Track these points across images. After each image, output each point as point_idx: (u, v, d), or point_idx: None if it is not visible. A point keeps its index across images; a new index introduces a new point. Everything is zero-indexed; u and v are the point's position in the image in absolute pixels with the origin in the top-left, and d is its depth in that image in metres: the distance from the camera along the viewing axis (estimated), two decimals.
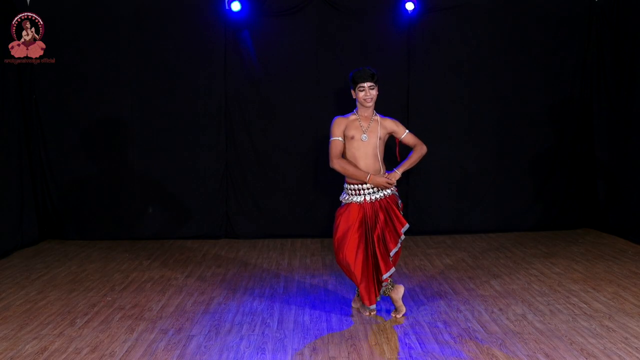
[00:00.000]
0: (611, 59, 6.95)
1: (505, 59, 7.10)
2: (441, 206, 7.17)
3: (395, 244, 4.20)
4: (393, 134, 4.35)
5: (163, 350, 3.75)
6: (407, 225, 4.24)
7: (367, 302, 4.26)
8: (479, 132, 7.14)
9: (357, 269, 4.18)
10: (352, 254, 4.17)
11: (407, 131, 4.36)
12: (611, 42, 6.93)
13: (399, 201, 4.36)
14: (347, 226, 4.20)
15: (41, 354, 3.69)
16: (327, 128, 4.33)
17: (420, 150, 4.36)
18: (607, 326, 4.07)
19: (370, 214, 4.22)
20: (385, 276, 4.20)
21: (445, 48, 7.04)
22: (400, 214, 4.27)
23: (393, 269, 4.23)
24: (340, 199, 4.37)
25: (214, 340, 3.90)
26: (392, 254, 4.20)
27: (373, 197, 4.23)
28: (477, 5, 7.02)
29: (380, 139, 4.26)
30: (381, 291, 4.28)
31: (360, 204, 4.23)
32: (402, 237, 4.23)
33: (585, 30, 7.14)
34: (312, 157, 6.98)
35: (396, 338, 3.93)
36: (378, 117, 4.31)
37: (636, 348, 3.70)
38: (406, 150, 4.45)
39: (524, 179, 7.23)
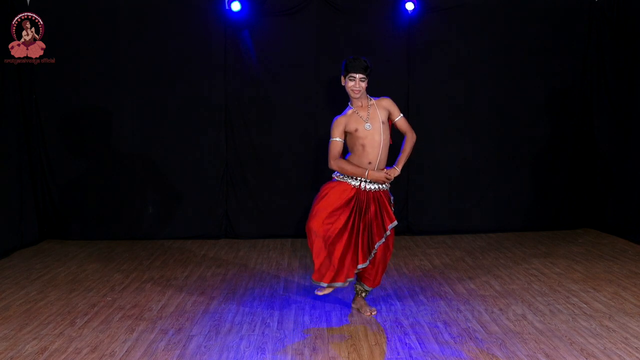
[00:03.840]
0: (611, 59, 6.95)
1: (505, 58, 7.10)
2: (441, 206, 7.17)
3: (380, 238, 4.21)
4: (389, 114, 4.31)
5: (163, 350, 3.75)
6: (395, 222, 4.23)
7: (315, 276, 4.18)
8: (479, 131, 7.14)
9: (325, 243, 4.10)
10: (327, 227, 4.11)
11: (401, 115, 4.33)
12: (611, 42, 6.93)
13: (392, 197, 4.36)
14: (332, 201, 4.14)
15: (41, 354, 3.69)
16: (327, 128, 4.33)
17: (411, 139, 4.34)
18: (607, 326, 4.07)
19: (362, 199, 4.20)
20: (360, 266, 4.18)
21: (445, 48, 7.04)
22: (390, 210, 4.26)
23: (366, 264, 4.20)
24: (333, 175, 4.30)
25: (214, 340, 3.90)
26: (376, 246, 4.20)
27: (368, 187, 4.21)
28: (477, 5, 7.02)
29: (383, 123, 4.23)
30: (349, 279, 4.21)
31: (354, 186, 4.21)
32: (388, 232, 4.22)
33: (585, 30, 7.14)
34: (312, 157, 6.98)
35: (396, 338, 3.93)
36: (374, 101, 4.28)
37: (636, 348, 3.70)
38: (396, 138, 4.41)
39: (523, 179, 7.23)
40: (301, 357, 3.65)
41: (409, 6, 6.81)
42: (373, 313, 4.36)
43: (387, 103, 4.30)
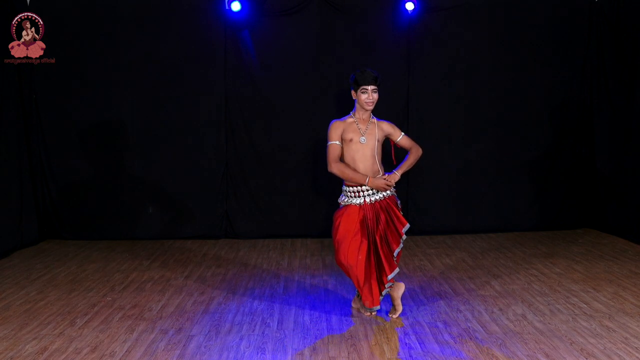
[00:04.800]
0: (611, 59, 6.95)
1: (505, 59, 7.10)
2: (441, 206, 7.17)
3: (398, 244, 4.21)
4: (389, 136, 4.37)
5: (163, 350, 3.75)
6: (407, 225, 4.24)
7: (369, 304, 4.24)
8: (479, 132, 7.14)
9: (359, 270, 4.16)
10: (354, 255, 4.16)
11: (402, 134, 4.39)
12: (611, 42, 6.93)
13: (398, 201, 4.37)
14: (347, 227, 4.19)
15: (41, 354, 3.69)
16: (326, 128, 4.33)
17: (416, 152, 4.38)
18: (607, 326, 4.07)
19: (371, 215, 4.21)
20: (390, 277, 4.19)
21: (445, 48, 7.04)
22: (400, 214, 4.27)
23: (397, 270, 4.23)
24: (339, 201, 4.35)
25: (214, 340, 3.90)
26: (395, 253, 4.21)
27: (373, 199, 4.23)
28: (477, 5, 7.02)
29: (378, 141, 4.28)
30: (384, 292, 4.27)
31: (360, 205, 4.23)
32: (404, 237, 4.23)
33: (585, 30, 7.14)
34: (312, 157, 6.98)
35: (396, 338, 3.93)
36: (375, 120, 4.33)
37: (636, 348, 3.70)
38: (401, 152, 4.45)
39: (524, 179, 7.23)
40: (301, 357, 3.65)
41: (409, 6, 6.81)
42: (373, 314, 4.36)
43: (386, 126, 4.35)
